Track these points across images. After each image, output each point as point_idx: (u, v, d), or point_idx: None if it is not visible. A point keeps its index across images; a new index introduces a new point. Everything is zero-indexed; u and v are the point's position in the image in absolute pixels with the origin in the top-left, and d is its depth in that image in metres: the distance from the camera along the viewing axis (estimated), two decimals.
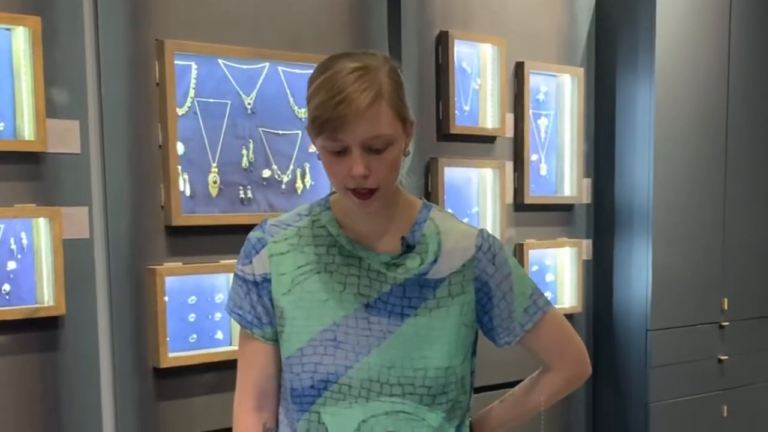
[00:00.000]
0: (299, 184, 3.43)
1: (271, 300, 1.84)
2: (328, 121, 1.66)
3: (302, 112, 3.39)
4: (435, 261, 1.83)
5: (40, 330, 2.88)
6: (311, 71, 1.76)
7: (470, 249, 1.84)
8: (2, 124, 2.82)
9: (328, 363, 1.78)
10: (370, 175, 1.70)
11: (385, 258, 1.81)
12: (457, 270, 1.83)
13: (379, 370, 1.78)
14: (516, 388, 2.01)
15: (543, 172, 4.31)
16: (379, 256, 1.82)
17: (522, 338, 1.90)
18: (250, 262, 1.85)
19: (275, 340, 1.86)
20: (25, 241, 2.87)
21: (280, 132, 3.37)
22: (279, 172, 3.38)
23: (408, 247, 1.82)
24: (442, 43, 3.83)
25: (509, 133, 4.10)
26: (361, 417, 1.78)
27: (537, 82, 4.24)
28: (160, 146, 3.08)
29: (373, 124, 1.67)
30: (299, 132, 3.39)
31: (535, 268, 4.26)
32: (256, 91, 3.30)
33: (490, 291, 1.85)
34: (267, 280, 1.84)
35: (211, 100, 3.22)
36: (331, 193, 1.91)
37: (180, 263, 3.14)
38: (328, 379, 1.78)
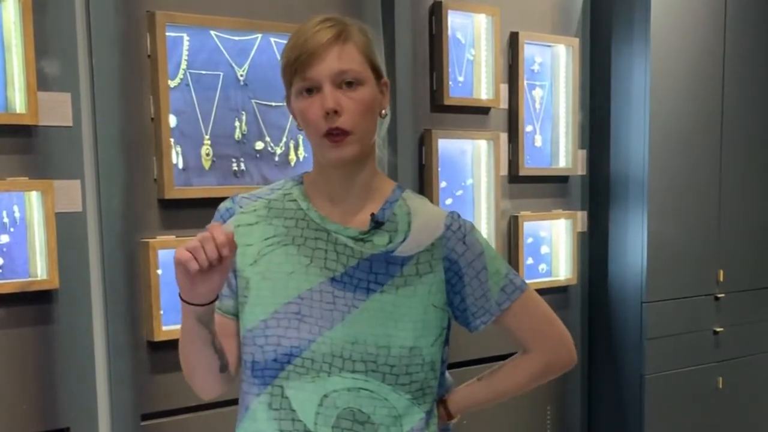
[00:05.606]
0: (292, 156, 3.42)
1: (234, 271, 1.82)
2: (297, 58, 1.71)
3: None
4: (404, 240, 1.81)
5: (33, 303, 2.88)
6: None
7: (439, 228, 1.83)
8: None
9: (291, 336, 1.76)
10: (342, 112, 1.71)
11: (353, 233, 1.80)
12: (425, 249, 1.81)
13: (342, 345, 1.75)
14: (494, 368, 1.97)
15: (538, 143, 4.30)
16: (347, 230, 1.80)
17: (498, 317, 1.87)
18: None
19: (232, 314, 1.84)
20: (17, 215, 2.86)
21: (273, 104, 3.35)
22: (272, 144, 3.37)
23: (377, 224, 1.81)
24: (436, 13, 3.81)
25: (504, 104, 4.09)
26: (323, 392, 1.75)
27: (532, 53, 4.22)
28: (152, 119, 3.07)
29: (340, 58, 1.72)
30: None
31: (529, 240, 4.26)
32: (248, 62, 3.28)
33: (460, 270, 1.82)
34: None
35: (204, 72, 3.20)
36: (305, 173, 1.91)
37: (173, 236, 3.13)
38: (291, 353, 1.76)
